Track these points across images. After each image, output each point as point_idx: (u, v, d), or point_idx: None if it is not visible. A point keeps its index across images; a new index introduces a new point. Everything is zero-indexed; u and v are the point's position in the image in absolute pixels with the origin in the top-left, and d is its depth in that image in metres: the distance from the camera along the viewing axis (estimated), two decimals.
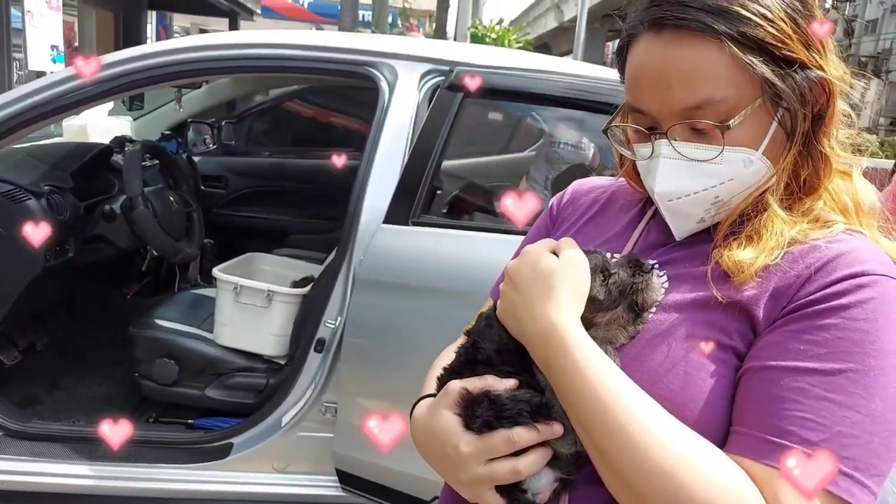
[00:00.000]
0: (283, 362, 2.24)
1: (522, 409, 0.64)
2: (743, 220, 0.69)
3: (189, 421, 2.24)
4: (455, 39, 11.23)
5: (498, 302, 0.71)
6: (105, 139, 2.73)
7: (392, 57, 2.06)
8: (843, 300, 0.60)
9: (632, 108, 0.71)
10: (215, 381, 2.22)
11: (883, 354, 0.58)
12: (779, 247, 0.65)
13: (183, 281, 2.74)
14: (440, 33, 11.89)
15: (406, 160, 1.91)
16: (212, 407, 2.22)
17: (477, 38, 10.78)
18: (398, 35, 11.27)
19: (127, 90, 2.06)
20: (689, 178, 0.68)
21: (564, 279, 0.65)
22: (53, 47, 5.99)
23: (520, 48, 10.25)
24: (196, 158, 3.25)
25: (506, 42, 10.41)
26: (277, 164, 3.63)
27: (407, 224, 1.87)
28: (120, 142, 2.53)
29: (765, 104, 0.66)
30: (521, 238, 0.97)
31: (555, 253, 0.68)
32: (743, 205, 0.69)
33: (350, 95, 3.66)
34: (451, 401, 0.67)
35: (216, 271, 2.20)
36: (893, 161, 2.80)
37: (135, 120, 3.37)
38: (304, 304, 2.21)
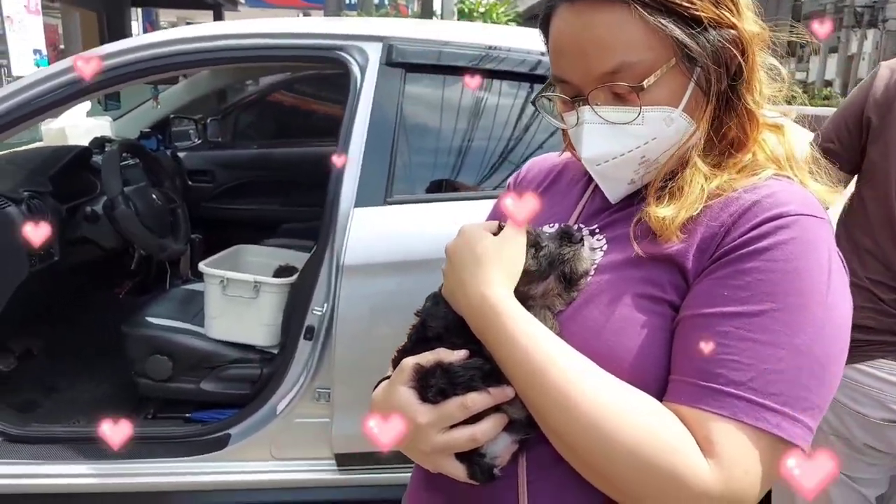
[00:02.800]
0: (275, 351, 2.26)
1: (474, 376, 0.66)
2: (672, 179, 0.70)
3: (186, 415, 2.26)
4: (442, 16, 11.09)
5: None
6: (85, 141, 2.73)
7: (361, 39, 2.04)
8: (764, 243, 0.61)
9: (556, 78, 0.72)
10: (210, 375, 2.24)
11: (804, 292, 0.60)
12: (699, 200, 0.66)
13: (174, 277, 2.75)
14: (427, 11, 11.74)
15: (365, 139, 1.92)
16: (208, 400, 2.25)
17: (464, 15, 10.64)
18: (385, 16, 11.15)
19: (96, 90, 2.06)
20: (613, 141, 0.69)
21: (496, 256, 0.67)
22: (36, 51, 5.97)
23: (508, 21, 10.12)
24: (181, 154, 3.25)
25: (494, 16, 10.26)
26: (264, 154, 3.62)
27: (382, 203, 1.88)
28: (99, 142, 2.53)
29: (679, 64, 0.67)
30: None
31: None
32: (670, 163, 0.70)
33: (336, 82, 3.64)
34: (406, 376, 0.69)
35: (202, 266, 2.21)
36: None
37: (114, 120, 3.36)
38: (291, 293, 2.22)
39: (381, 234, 1.89)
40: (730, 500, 0.57)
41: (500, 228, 0.71)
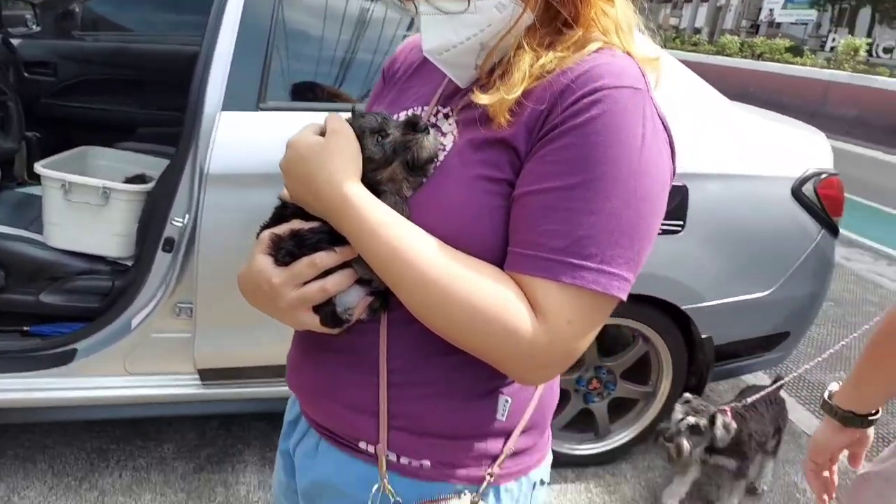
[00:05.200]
0: (129, 263, 2.10)
1: (322, 239, 0.71)
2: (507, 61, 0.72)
3: (24, 328, 2.07)
4: None
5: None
6: None
7: None
8: (579, 119, 0.65)
9: None
10: (51, 286, 2.05)
11: (613, 161, 0.64)
12: (521, 82, 0.69)
13: (7, 179, 2.45)
14: None
15: (236, 38, 1.78)
16: (49, 313, 2.06)
17: None
18: None
19: None
20: (450, 31, 0.72)
21: (327, 152, 0.71)
22: None
23: None
24: (15, 41, 2.84)
25: None
26: (118, 48, 3.24)
27: (254, 109, 1.77)
28: None
29: None
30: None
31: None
32: (503, 45, 0.72)
33: None
34: (263, 246, 0.74)
35: (38, 167, 1.98)
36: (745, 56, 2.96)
37: None
38: (148, 202, 2.05)
39: (251, 141, 1.78)
40: (558, 346, 0.66)
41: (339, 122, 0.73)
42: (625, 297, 0.67)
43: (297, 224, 0.74)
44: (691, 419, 1.99)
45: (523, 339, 0.65)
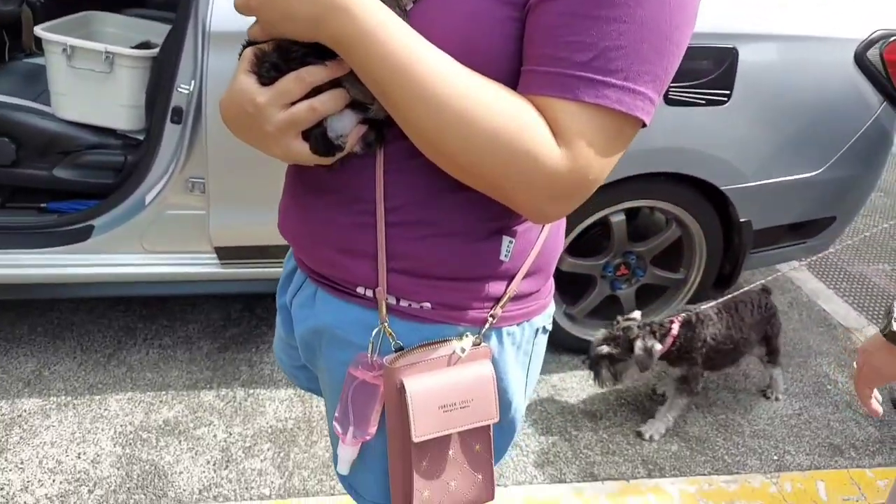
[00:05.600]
0: (140, 137, 2.03)
1: (308, 52, 0.62)
2: None
3: (42, 205, 2.04)
4: None
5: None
6: None
7: None
8: None
9: None
10: (64, 161, 1.99)
11: None
12: None
13: (13, 50, 2.35)
14: None
15: None
16: (65, 189, 2.02)
17: None
18: None
19: None
20: None
21: None
22: None
23: None
24: None
25: None
26: None
27: None
28: None
29: None
30: None
31: None
32: None
33: None
34: (246, 64, 0.65)
35: (38, 30, 1.86)
36: None
37: None
38: (154, 69, 1.94)
39: None
40: (578, 173, 0.59)
41: None
42: (648, 121, 0.60)
43: (283, 41, 0.63)
44: (604, 348, 1.87)
45: (545, 166, 0.59)
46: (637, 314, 1.96)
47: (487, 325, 0.73)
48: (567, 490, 1.81)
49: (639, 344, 1.84)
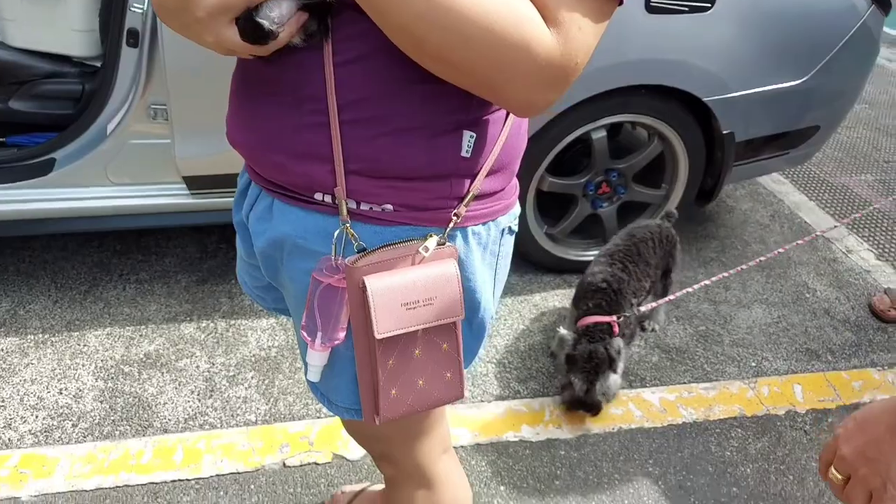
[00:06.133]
0: (98, 64, 1.92)
1: None
2: None
3: (0, 139, 1.96)
4: None
5: None
6: None
7: None
8: None
9: None
10: (19, 91, 1.90)
11: None
12: None
13: None
14: None
15: None
16: (23, 121, 1.94)
17: None
18: None
19: None
20: None
21: None
22: None
23: None
24: None
25: None
26: None
27: None
28: None
29: None
30: None
31: None
32: None
33: None
34: None
35: None
36: None
37: None
38: None
39: None
40: (568, 57, 0.58)
41: None
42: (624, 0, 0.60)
43: None
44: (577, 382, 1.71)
45: (539, 53, 0.57)
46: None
47: (451, 225, 0.71)
48: (549, 402, 1.84)
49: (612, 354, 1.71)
